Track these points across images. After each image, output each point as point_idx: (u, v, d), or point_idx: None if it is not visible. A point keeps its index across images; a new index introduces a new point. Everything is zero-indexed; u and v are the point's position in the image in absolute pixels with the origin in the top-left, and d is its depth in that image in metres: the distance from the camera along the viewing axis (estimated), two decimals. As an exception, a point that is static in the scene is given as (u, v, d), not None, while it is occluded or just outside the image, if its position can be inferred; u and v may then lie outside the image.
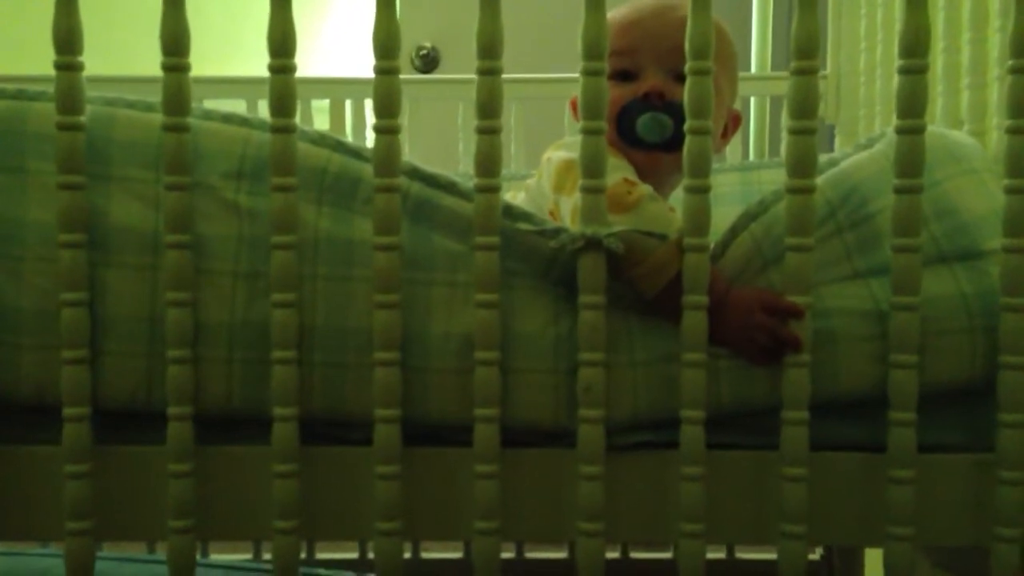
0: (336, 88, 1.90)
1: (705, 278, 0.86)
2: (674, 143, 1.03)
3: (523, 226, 0.91)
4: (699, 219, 0.86)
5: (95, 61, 0.90)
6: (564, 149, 1.05)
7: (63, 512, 0.88)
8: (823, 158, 0.99)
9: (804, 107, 0.86)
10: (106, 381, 0.89)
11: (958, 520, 0.92)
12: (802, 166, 0.86)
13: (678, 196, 0.96)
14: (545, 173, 1.05)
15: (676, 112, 1.03)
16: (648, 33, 1.07)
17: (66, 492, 0.88)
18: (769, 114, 2.00)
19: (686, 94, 0.86)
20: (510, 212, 0.91)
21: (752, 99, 1.98)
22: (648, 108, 1.05)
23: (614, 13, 1.07)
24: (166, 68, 0.86)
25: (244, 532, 0.94)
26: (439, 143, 1.92)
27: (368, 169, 0.90)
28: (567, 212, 0.98)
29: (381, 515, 0.89)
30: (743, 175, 1.64)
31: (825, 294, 0.92)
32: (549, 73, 1.83)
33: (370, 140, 1.89)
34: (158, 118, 0.88)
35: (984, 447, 0.91)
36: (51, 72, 0.86)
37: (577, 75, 0.86)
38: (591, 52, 0.85)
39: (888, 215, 0.89)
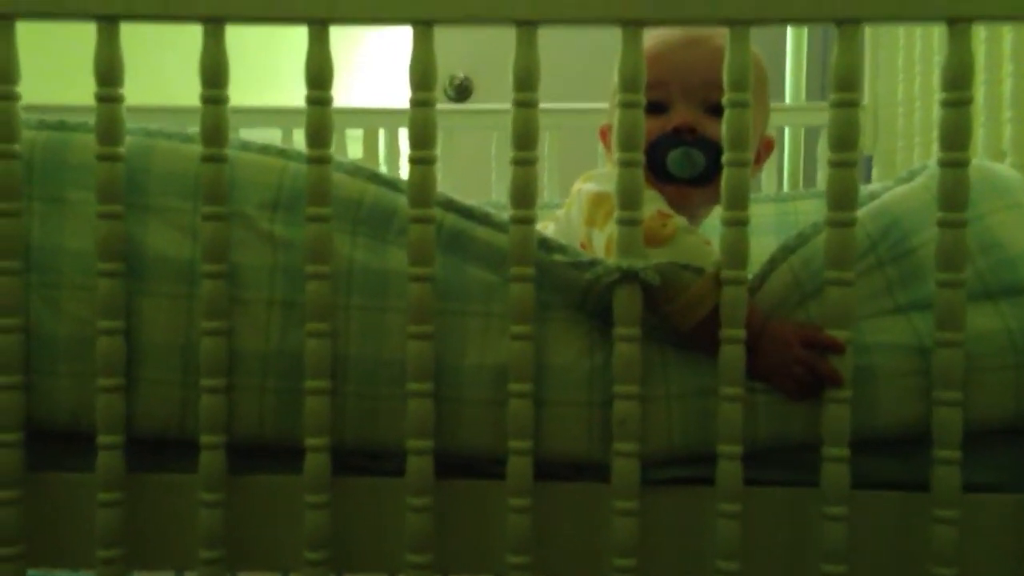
0: (370, 118, 1.92)
1: (743, 311, 0.85)
2: (705, 178, 1.02)
3: (558, 258, 0.90)
4: (737, 252, 0.85)
5: (134, 90, 0.91)
6: (594, 181, 1.04)
7: (95, 539, 0.88)
8: (863, 190, 0.98)
9: (845, 140, 0.85)
10: (140, 409, 0.90)
11: (1002, 561, 0.90)
12: (843, 199, 0.85)
13: (713, 226, 0.95)
14: (575, 205, 1.05)
15: (707, 147, 1.02)
16: (679, 65, 1.05)
17: (98, 520, 0.88)
18: (804, 144, 1.99)
19: (724, 126, 0.85)
20: (545, 244, 0.91)
21: (787, 129, 1.97)
22: (679, 143, 1.03)
23: (643, 42, 1.06)
24: (205, 100, 0.87)
25: (274, 563, 0.93)
26: (472, 172, 1.93)
27: (403, 200, 0.90)
28: (600, 245, 0.97)
29: (412, 548, 0.88)
30: (779, 205, 1.62)
31: (865, 328, 0.90)
32: (582, 103, 1.83)
33: (404, 169, 1.90)
34: (196, 149, 0.89)
35: (1030, 487, 0.89)
36: (92, 102, 0.87)
37: (608, 106, 0.85)
38: (628, 84, 0.85)
39: (930, 249, 0.87)
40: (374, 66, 3.21)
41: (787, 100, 2.06)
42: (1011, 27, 1.23)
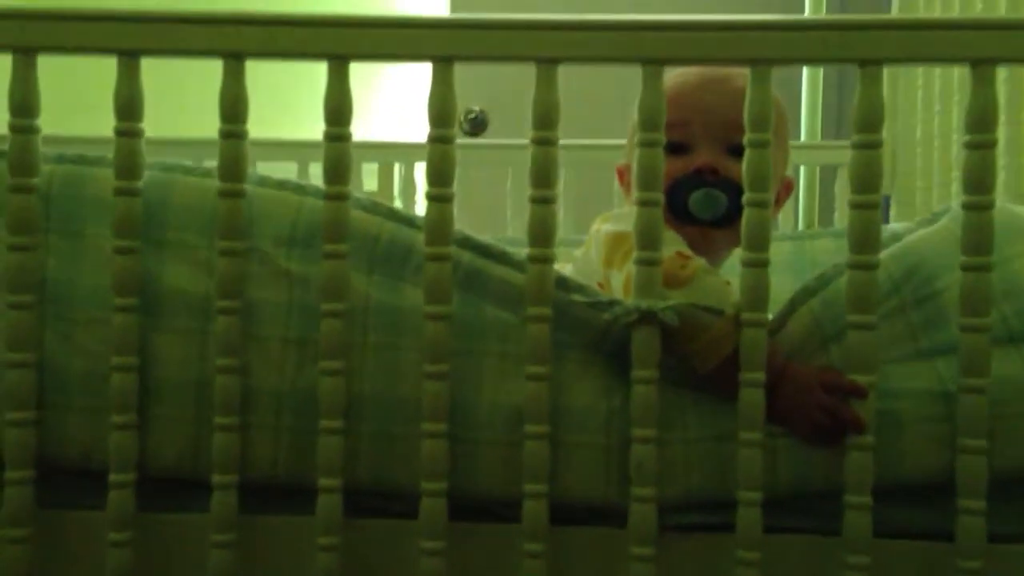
0: (386, 152, 1.92)
1: (763, 354, 0.84)
2: (727, 219, 1.01)
3: (576, 298, 0.89)
4: (758, 294, 0.84)
5: (152, 121, 0.91)
6: (612, 222, 1.03)
7: (104, 579, 0.87)
8: (885, 231, 0.97)
9: (867, 181, 0.84)
10: (153, 447, 0.89)
11: (1030, 615, 0.88)
12: (865, 241, 0.84)
13: (733, 266, 0.94)
14: (594, 246, 1.04)
15: (729, 188, 1.01)
16: (700, 106, 1.05)
17: (108, 559, 0.87)
18: (820, 182, 1.99)
19: (744, 166, 0.85)
20: (563, 284, 0.90)
21: (802, 167, 1.97)
22: (701, 184, 1.02)
23: (664, 81, 1.05)
24: (224, 135, 0.87)
25: (284, 605, 0.92)
26: (487, 207, 1.92)
27: (420, 238, 0.89)
28: (618, 286, 0.96)
29: (425, 592, 0.86)
30: (795, 244, 1.61)
31: (888, 373, 0.89)
32: (598, 139, 1.83)
33: (419, 204, 1.89)
34: (214, 184, 0.88)
35: (1057, 538, 0.86)
36: (110, 134, 0.87)
37: (625, 141, 0.85)
38: (648, 124, 0.85)
39: (954, 293, 0.86)
40: (390, 99, 3.23)
41: (803, 138, 2.06)
42: (1032, 68, 1.23)
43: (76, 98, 1.89)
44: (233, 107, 0.87)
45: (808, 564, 0.88)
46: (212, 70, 0.88)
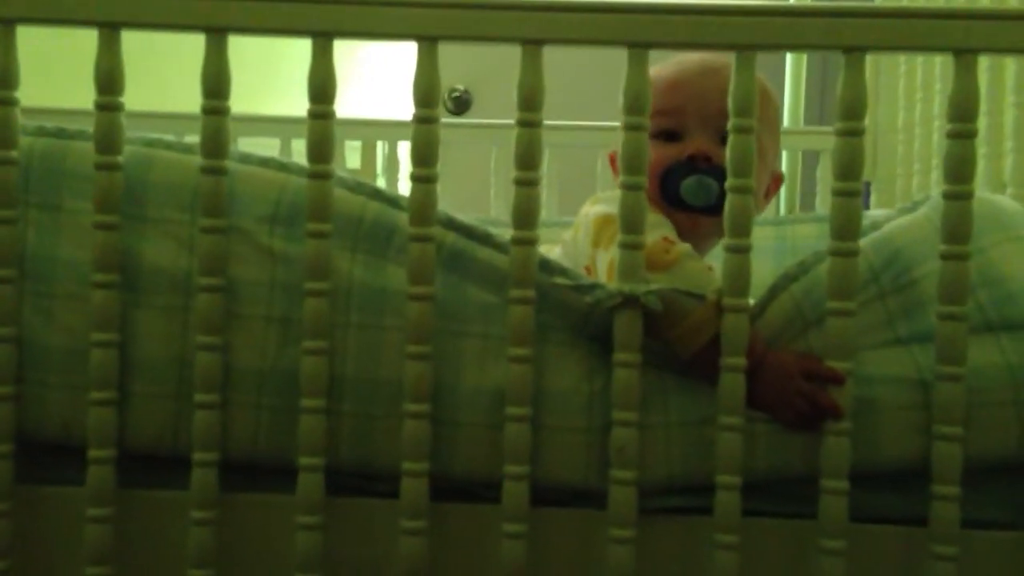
0: (369, 130, 1.91)
1: (744, 340, 0.85)
2: (718, 207, 1.01)
3: (559, 281, 0.89)
4: (739, 279, 0.85)
5: (134, 96, 0.90)
6: (602, 203, 1.03)
7: (83, 555, 0.87)
8: (865, 218, 0.97)
9: (849, 168, 0.84)
10: (132, 423, 0.88)
11: (1000, 599, 0.89)
12: (846, 228, 0.85)
13: (716, 253, 0.95)
14: (583, 227, 1.04)
15: (722, 176, 1.00)
16: (694, 94, 1.05)
17: (87, 535, 0.87)
18: (802, 168, 2.00)
19: (728, 151, 0.85)
20: (546, 266, 0.90)
21: (784, 153, 1.97)
22: (693, 171, 1.03)
23: (658, 70, 1.05)
24: (206, 111, 0.86)
25: (264, 583, 0.92)
26: (471, 187, 1.92)
27: (404, 218, 0.89)
28: (603, 266, 0.96)
29: (405, 571, 0.86)
30: (777, 229, 1.62)
31: (866, 360, 0.89)
32: (582, 120, 1.83)
33: (403, 182, 1.89)
34: (196, 160, 0.88)
35: (1030, 524, 0.88)
36: (91, 107, 0.86)
37: (610, 124, 0.85)
38: (633, 107, 0.84)
39: (932, 281, 0.87)
40: (373, 77, 3.20)
41: (786, 124, 2.06)
42: (1014, 59, 1.23)
43: (55, 69, 1.86)
44: (216, 83, 0.86)
45: (785, 547, 0.89)
46: (196, 45, 0.87)
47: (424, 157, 0.86)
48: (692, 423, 0.88)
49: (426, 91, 0.86)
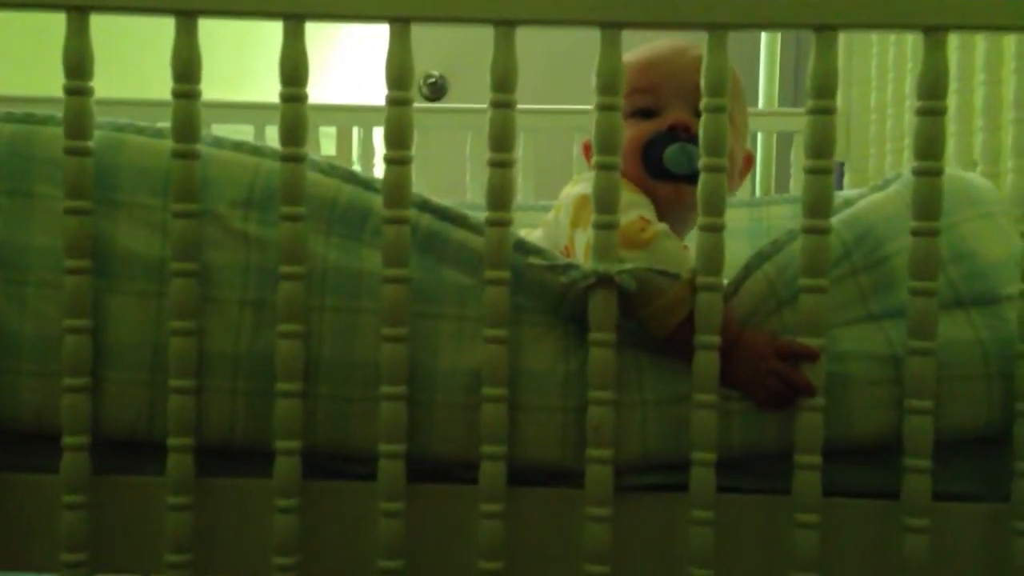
0: (344, 115, 1.90)
1: (718, 318, 0.85)
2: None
3: (534, 261, 0.90)
4: (713, 258, 0.85)
5: (104, 83, 0.89)
6: (582, 183, 1.04)
7: (59, 543, 0.86)
8: (837, 197, 0.98)
9: (821, 146, 0.85)
10: (107, 410, 0.88)
11: (972, 571, 0.90)
12: (818, 206, 0.85)
13: (691, 233, 0.95)
14: (563, 208, 1.04)
15: None
16: (670, 71, 1.07)
17: (62, 522, 0.86)
18: (776, 150, 2.00)
19: (701, 131, 0.85)
20: (522, 246, 0.90)
21: (759, 135, 1.98)
22: (675, 139, 1.04)
23: (631, 55, 1.06)
24: (177, 95, 0.86)
25: (242, 568, 0.91)
26: (447, 172, 1.91)
27: (378, 201, 0.89)
28: (580, 247, 0.96)
29: (384, 553, 0.87)
30: (752, 211, 1.63)
31: (839, 337, 0.90)
32: (558, 104, 1.83)
33: (378, 168, 1.88)
34: (168, 145, 0.87)
35: (1000, 496, 0.89)
36: (60, 94, 0.85)
37: (586, 107, 0.85)
38: (606, 87, 0.85)
39: (904, 257, 0.88)
40: (348, 63, 3.19)
41: (760, 105, 2.07)
42: (983, 37, 1.24)
43: (24, 56, 1.84)
44: (186, 66, 0.85)
45: (760, 522, 0.90)
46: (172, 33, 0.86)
47: (397, 139, 0.85)
48: (667, 401, 0.89)
49: (399, 73, 0.85)
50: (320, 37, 0.88)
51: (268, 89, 1.03)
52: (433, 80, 2.97)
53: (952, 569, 0.89)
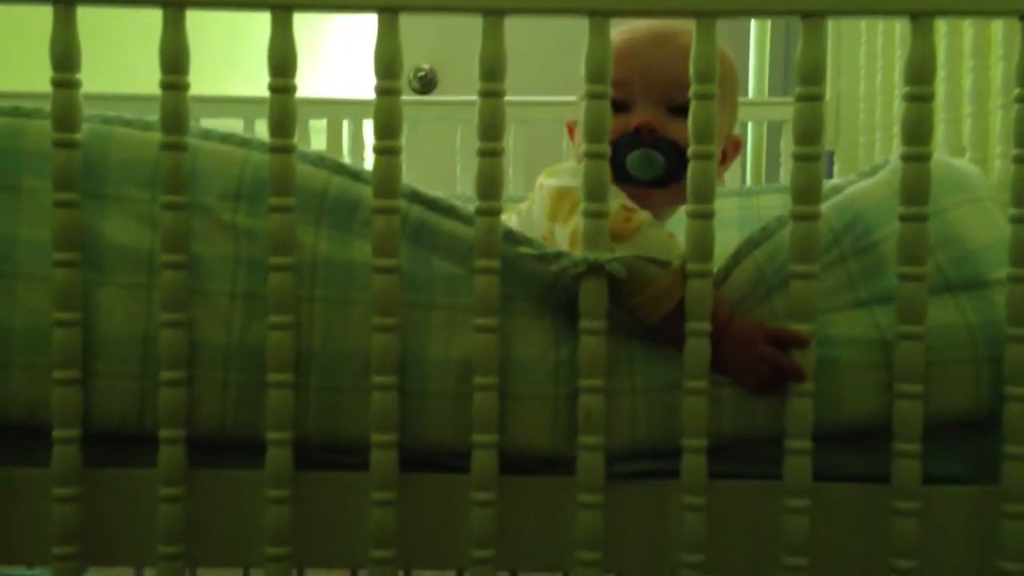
0: (334, 108, 1.90)
1: (708, 304, 0.85)
2: (665, 180, 1.01)
3: (524, 251, 0.90)
4: (702, 245, 0.85)
5: (93, 78, 0.89)
6: (557, 176, 1.03)
7: (51, 536, 0.86)
8: (826, 185, 0.98)
9: (809, 133, 0.85)
10: (97, 402, 0.88)
11: (962, 553, 0.91)
12: (807, 192, 0.85)
13: (679, 220, 0.95)
14: (538, 199, 1.04)
15: (667, 149, 1.01)
16: (641, 64, 1.03)
17: (54, 515, 0.86)
18: (767, 138, 2.01)
19: (690, 119, 0.85)
20: (511, 236, 0.90)
21: (749, 124, 1.98)
22: (639, 144, 1.02)
23: (612, 35, 1.05)
24: (164, 86, 0.85)
25: (234, 559, 0.92)
26: (437, 165, 1.91)
27: (368, 192, 0.89)
28: (564, 240, 0.96)
29: (375, 542, 0.87)
30: (742, 200, 1.63)
31: (829, 322, 0.91)
32: (549, 96, 1.83)
33: (368, 162, 1.88)
34: (156, 137, 0.87)
35: (989, 479, 0.90)
36: (48, 89, 0.85)
37: (575, 98, 0.85)
38: (595, 76, 0.85)
39: (892, 243, 0.88)
40: (338, 56, 3.18)
41: (750, 95, 2.07)
42: (971, 23, 1.25)
43: (11, 52, 1.84)
44: (174, 58, 0.85)
45: (751, 507, 0.90)
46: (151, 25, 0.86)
47: (387, 129, 0.85)
48: (658, 388, 0.89)
49: (387, 63, 0.85)
50: (309, 32, 0.88)
51: (257, 84, 1.02)
52: (423, 73, 2.97)
53: (942, 552, 0.90)
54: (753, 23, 2.06)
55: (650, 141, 1.02)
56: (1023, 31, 0.86)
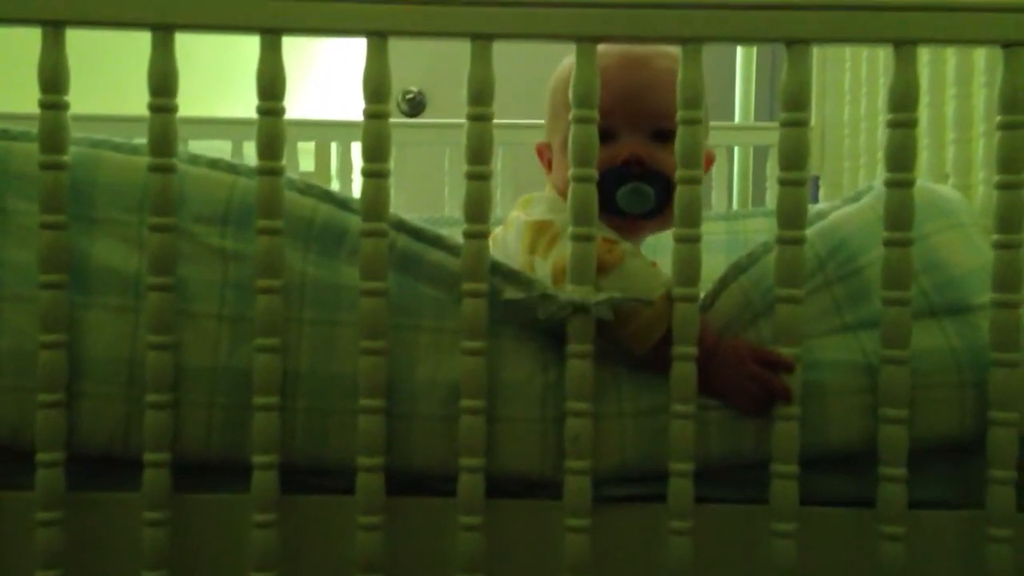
0: (322, 131, 1.90)
1: (695, 328, 0.86)
2: (655, 212, 1.01)
3: (510, 296, 0.88)
4: (689, 269, 0.86)
5: (81, 99, 0.89)
6: (534, 207, 1.03)
7: (34, 560, 0.85)
8: (811, 210, 0.99)
9: (794, 158, 0.86)
10: (83, 425, 0.87)
11: (948, 577, 0.91)
12: (792, 217, 0.86)
13: (667, 244, 0.95)
14: (514, 231, 1.03)
15: (656, 180, 0.99)
16: (622, 94, 1.00)
17: (37, 540, 0.85)
18: (753, 163, 2.02)
19: (677, 144, 0.86)
20: (497, 271, 0.89)
21: (736, 148, 2.00)
22: (628, 177, 1.00)
23: None
24: (153, 108, 0.86)
25: (220, 583, 0.91)
26: (425, 188, 1.92)
27: (355, 221, 0.89)
28: (546, 274, 0.94)
29: (362, 567, 0.86)
30: (729, 224, 1.65)
31: (815, 347, 0.91)
32: (536, 119, 1.83)
33: (357, 183, 1.88)
34: (144, 161, 0.87)
35: (974, 503, 0.90)
36: (36, 110, 0.85)
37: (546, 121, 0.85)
38: (582, 100, 0.85)
39: (877, 268, 0.89)
40: (326, 78, 3.19)
41: (736, 120, 2.09)
42: (954, 51, 1.26)
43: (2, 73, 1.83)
44: (162, 80, 0.85)
45: (738, 532, 0.90)
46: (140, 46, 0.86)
47: (375, 152, 0.86)
48: (645, 412, 0.89)
49: (376, 86, 0.86)
50: (297, 54, 0.88)
51: (245, 107, 1.03)
52: (412, 96, 2.98)
53: (928, 575, 0.90)
54: (739, 50, 2.07)
55: (639, 174, 1.00)
56: (1005, 59, 0.87)
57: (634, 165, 1.01)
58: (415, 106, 3.00)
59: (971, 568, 0.89)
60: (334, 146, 1.91)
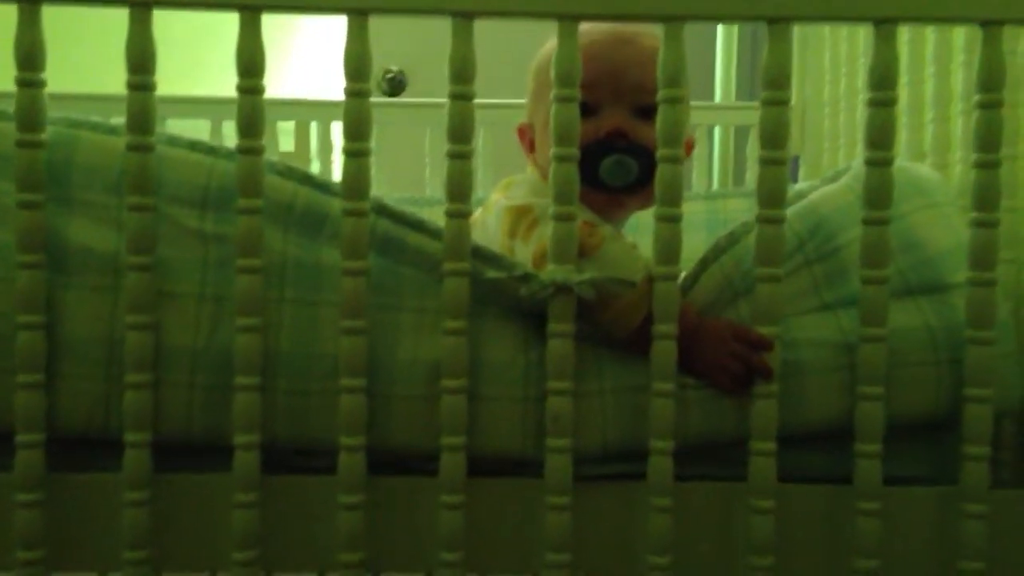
0: (302, 110, 1.88)
1: (675, 307, 0.86)
2: (638, 185, 1.01)
3: (491, 275, 0.88)
4: (670, 248, 0.86)
5: (58, 78, 0.88)
6: (513, 191, 1.03)
7: (14, 541, 0.85)
8: (791, 189, 1.00)
9: (775, 137, 0.86)
10: (62, 405, 0.87)
11: (923, 552, 0.92)
12: (772, 196, 0.86)
13: (647, 224, 0.96)
14: (494, 215, 1.03)
15: (639, 153, 1.00)
16: (607, 68, 1.01)
17: (17, 521, 0.85)
18: (734, 143, 2.02)
19: (659, 123, 0.86)
20: (478, 254, 0.89)
21: (717, 128, 2.00)
22: (611, 150, 1.00)
23: None
24: (131, 87, 0.85)
25: (201, 563, 0.91)
26: (406, 167, 1.91)
27: (335, 204, 0.88)
28: (526, 258, 0.94)
29: (344, 546, 0.87)
30: (709, 203, 1.65)
31: (794, 325, 0.92)
32: (518, 99, 1.83)
33: (336, 163, 1.87)
34: (122, 142, 0.86)
35: (949, 480, 0.91)
36: (12, 88, 0.84)
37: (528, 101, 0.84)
38: (564, 79, 0.85)
39: (855, 248, 0.89)
40: (306, 57, 3.16)
41: (717, 99, 2.09)
42: (933, 29, 1.27)
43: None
44: (140, 58, 0.85)
45: (717, 509, 0.91)
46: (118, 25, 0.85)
47: (356, 131, 0.85)
48: (626, 390, 0.90)
49: (357, 65, 0.85)
50: (277, 33, 0.88)
51: (224, 85, 1.02)
52: (392, 75, 2.97)
53: (903, 551, 0.91)
54: (720, 28, 2.07)
55: (622, 147, 1.01)
56: (984, 38, 0.87)
57: (617, 138, 1.01)
58: (395, 86, 2.98)
59: (945, 544, 0.91)
60: (314, 126, 1.90)
